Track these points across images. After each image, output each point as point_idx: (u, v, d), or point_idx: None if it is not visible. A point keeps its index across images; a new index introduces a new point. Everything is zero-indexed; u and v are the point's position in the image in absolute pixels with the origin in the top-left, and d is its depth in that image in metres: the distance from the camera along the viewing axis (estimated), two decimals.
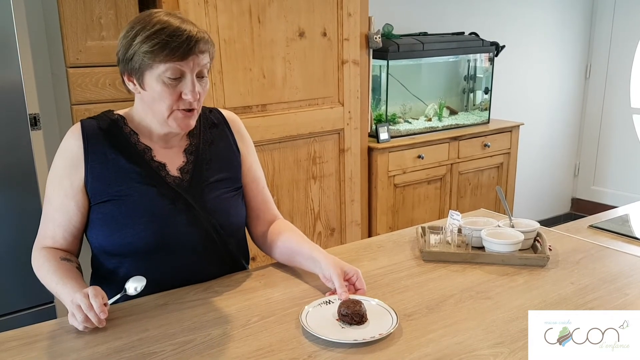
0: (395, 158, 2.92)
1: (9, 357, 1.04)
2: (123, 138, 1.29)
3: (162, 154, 1.32)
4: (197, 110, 1.27)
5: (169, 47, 1.18)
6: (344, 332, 1.11)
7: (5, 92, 1.76)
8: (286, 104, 2.58)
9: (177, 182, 1.30)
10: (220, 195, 1.34)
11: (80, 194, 1.26)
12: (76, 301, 1.10)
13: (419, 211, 3.11)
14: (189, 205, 1.29)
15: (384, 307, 1.19)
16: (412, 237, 1.61)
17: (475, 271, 1.41)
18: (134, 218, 1.25)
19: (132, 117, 1.32)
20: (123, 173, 1.26)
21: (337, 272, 1.24)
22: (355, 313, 1.13)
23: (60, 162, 1.28)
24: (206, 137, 1.38)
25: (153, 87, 1.22)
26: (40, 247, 1.29)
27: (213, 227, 1.32)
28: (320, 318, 1.15)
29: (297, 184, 2.70)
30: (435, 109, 3.32)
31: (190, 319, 1.18)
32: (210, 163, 1.36)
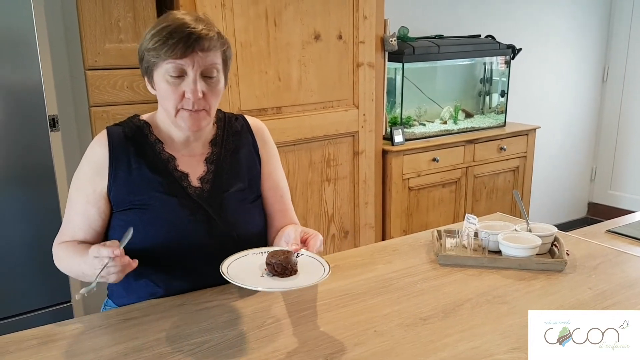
0: (409, 161, 2.91)
1: (29, 356, 1.05)
2: (148, 146, 1.29)
3: (185, 163, 1.32)
4: (207, 111, 1.25)
5: (168, 44, 1.17)
6: (263, 281, 1.06)
7: (26, 93, 1.78)
8: (301, 106, 2.58)
9: (197, 193, 1.30)
10: (240, 206, 1.34)
11: (103, 201, 1.27)
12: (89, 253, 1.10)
13: (434, 215, 3.09)
14: (208, 217, 1.29)
15: (319, 261, 1.13)
16: (427, 241, 1.61)
17: (491, 275, 1.40)
18: (155, 228, 1.25)
19: (157, 124, 1.33)
20: (146, 182, 1.27)
21: (295, 228, 1.23)
22: (278, 263, 1.07)
23: (85, 168, 1.29)
24: (228, 145, 1.37)
25: (160, 86, 1.23)
26: (58, 243, 1.31)
27: (231, 238, 1.31)
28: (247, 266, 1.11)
29: (311, 186, 2.71)
30: (451, 112, 3.31)
31: (206, 319, 1.18)
32: (230, 172, 1.35)
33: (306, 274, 1.09)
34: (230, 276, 1.05)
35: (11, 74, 1.76)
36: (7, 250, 1.82)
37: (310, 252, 1.16)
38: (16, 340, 1.11)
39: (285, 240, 1.22)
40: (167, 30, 1.19)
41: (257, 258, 1.14)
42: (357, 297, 1.27)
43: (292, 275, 1.07)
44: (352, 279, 1.37)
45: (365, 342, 1.09)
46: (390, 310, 1.21)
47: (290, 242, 1.16)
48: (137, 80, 2.19)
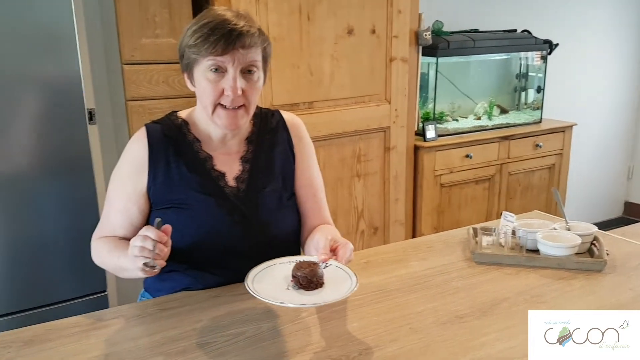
0: (442, 157, 2.88)
1: (70, 343, 1.08)
2: (186, 145, 1.30)
3: (222, 162, 1.32)
4: (247, 107, 1.24)
5: (209, 40, 1.17)
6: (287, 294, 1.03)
7: (65, 87, 1.82)
8: (332, 101, 2.57)
9: (234, 193, 1.30)
10: (274, 206, 1.33)
11: (143, 199, 1.28)
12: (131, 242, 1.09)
13: (466, 212, 3.05)
14: (244, 217, 1.29)
15: (347, 272, 1.09)
16: (462, 238, 1.58)
17: (529, 275, 1.37)
18: (192, 228, 1.26)
19: (195, 121, 1.32)
20: (184, 182, 1.27)
21: (325, 236, 1.15)
22: (304, 276, 1.03)
23: (125, 166, 1.30)
24: (264, 143, 1.36)
25: (200, 82, 1.22)
26: (97, 238, 1.33)
27: (266, 239, 1.31)
28: (274, 277, 1.08)
29: (342, 181, 2.70)
30: (485, 108, 3.25)
31: (241, 311, 1.19)
32: (265, 171, 1.34)
33: (333, 286, 1.05)
34: (254, 288, 1.03)
35: (51, 68, 1.80)
36: (45, 241, 1.86)
37: (339, 262, 1.12)
38: (57, 328, 1.14)
39: (315, 248, 1.19)
40: (208, 26, 1.18)
41: (284, 268, 1.11)
42: (391, 294, 1.27)
43: (318, 288, 1.04)
44: (385, 275, 1.36)
45: (400, 339, 1.08)
46: (425, 308, 1.20)
47: (319, 252, 1.12)
48: (173, 75, 2.21)
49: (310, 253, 1.25)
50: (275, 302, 0.98)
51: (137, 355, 1.04)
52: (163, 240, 1.08)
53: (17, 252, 1.82)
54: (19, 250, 1.82)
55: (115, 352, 1.05)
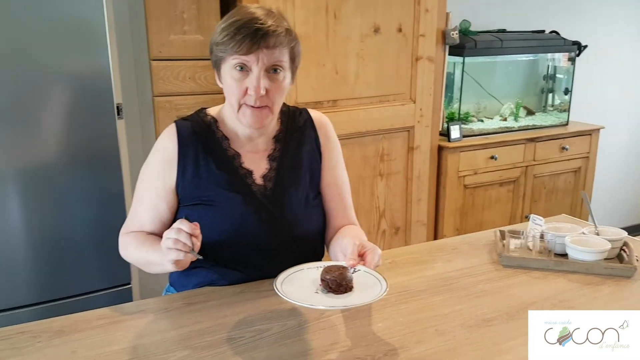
0: (466, 158, 2.85)
1: (98, 335, 1.09)
2: (215, 142, 1.30)
3: (250, 160, 1.32)
4: (271, 108, 1.24)
5: (235, 39, 1.17)
6: (316, 298, 1.02)
7: (94, 82, 1.84)
8: (357, 100, 2.56)
9: (261, 191, 1.30)
10: (301, 204, 1.33)
11: (171, 195, 1.29)
12: (165, 235, 1.09)
13: (489, 214, 3.02)
14: (271, 216, 1.29)
15: (376, 277, 1.08)
16: (489, 241, 1.57)
17: (557, 279, 1.35)
18: (219, 225, 1.26)
19: (223, 119, 1.33)
20: (213, 179, 1.27)
21: (353, 241, 1.13)
22: (333, 280, 1.02)
23: (154, 162, 1.31)
24: (291, 141, 1.36)
25: (226, 80, 1.23)
26: (125, 232, 1.34)
27: (292, 238, 1.31)
28: (302, 281, 1.08)
29: (364, 180, 2.69)
30: (512, 109, 3.22)
31: (266, 307, 1.19)
32: (292, 170, 1.34)
33: (362, 290, 1.04)
34: (283, 291, 1.03)
35: (81, 63, 1.82)
36: (72, 233, 1.89)
37: (367, 267, 1.10)
38: (85, 319, 1.15)
39: (342, 252, 1.17)
40: (236, 25, 1.18)
41: (312, 273, 1.11)
42: (416, 295, 1.26)
43: (347, 292, 1.03)
44: (410, 276, 1.35)
45: (426, 341, 1.07)
46: (451, 310, 1.19)
47: (347, 257, 1.10)
48: (199, 72, 2.23)
49: (337, 257, 1.24)
50: (305, 304, 0.97)
51: (165, 349, 1.05)
52: (196, 233, 1.09)
53: (44, 244, 1.85)
54: (46, 242, 1.85)
55: (142, 344, 1.06)
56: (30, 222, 1.82)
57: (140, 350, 1.04)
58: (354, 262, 1.08)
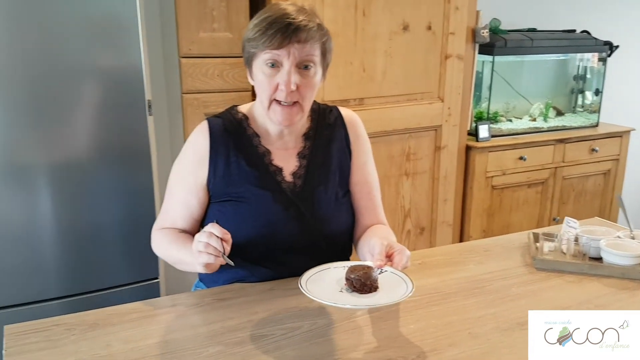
0: (494, 158, 2.81)
1: (131, 329, 1.10)
2: (246, 139, 1.30)
3: (280, 157, 1.32)
4: (301, 104, 1.23)
5: (267, 34, 1.17)
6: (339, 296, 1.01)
7: (126, 78, 1.86)
8: (384, 98, 2.55)
9: (290, 188, 1.30)
10: (330, 202, 1.33)
11: (203, 191, 1.30)
12: (196, 238, 1.11)
13: (517, 216, 2.98)
14: (300, 213, 1.29)
15: (402, 278, 1.06)
16: (521, 243, 1.54)
17: (592, 283, 1.32)
18: (249, 221, 1.27)
19: (254, 116, 1.33)
20: (243, 176, 1.28)
21: (381, 242, 1.11)
22: (357, 279, 1.01)
23: (187, 158, 1.32)
24: (321, 139, 1.35)
25: (257, 77, 1.23)
26: (158, 228, 1.35)
27: (321, 236, 1.31)
28: (327, 279, 1.07)
29: (389, 180, 2.67)
30: (541, 109, 3.16)
31: (296, 305, 1.19)
32: (321, 167, 1.33)
33: (387, 291, 1.03)
34: (307, 289, 1.02)
35: (113, 59, 1.84)
36: (102, 227, 1.91)
37: (394, 268, 1.08)
38: (118, 313, 1.16)
39: (370, 252, 1.16)
40: (267, 20, 1.18)
41: (338, 272, 1.10)
42: (448, 297, 1.24)
43: (372, 292, 1.02)
44: (442, 278, 1.33)
45: (459, 344, 1.06)
46: (485, 313, 1.17)
47: (375, 257, 1.09)
48: (227, 69, 2.23)
49: (365, 257, 1.23)
50: (329, 302, 0.97)
51: (197, 344, 1.05)
52: (226, 238, 1.11)
53: (74, 238, 1.88)
54: (77, 236, 1.88)
55: (175, 339, 1.07)
56: (61, 216, 1.84)
57: (172, 345, 1.05)
58: (381, 262, 1.07)
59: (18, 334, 1.06)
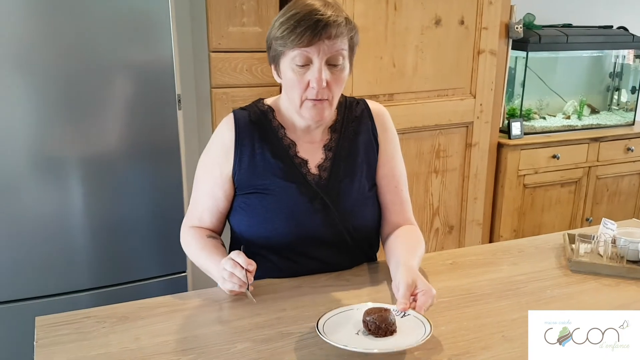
0: (527, 156, 2.75)
1: (160, 322, 1.10)
2: (271, 131, 1.29)
3: (305, 150, 1.30)
4: (330, 101, 1.21)
5: (296, 32, 1.15)
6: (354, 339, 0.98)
7: (157, 72, 1.86)
8: (414, 94, 2.51)
9: (316, 181, 1.28)
10: (357, 196, 1.31)
11: (228, 184, 1.30)
12: (222, 265, 1.14)
13: (549, 215, 2.91)
14: (325, 206, 1.27)
15: (421, 320, 1.02)
16: (556, 244, 1.49)
17: (630, 287, 1.28)
18: (274, 213, 1.26)
19: (280, 109, 1.32)
20: (268, 168, 1.27)
21: (406, 281, 1.07)
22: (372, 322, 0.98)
23: (213, 151, 1.32)
24: (347, 131, 1.33)
25: (286, 74, 1.21)
26: (188, 225, 1.35)
27: (346, 229, 1.30)
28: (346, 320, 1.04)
29: (418, 177, 2.64)
30: (575, 107, 3.09)
31: (324, 303, 1.17)
32: (347, 160, 1.31)
33: (404, 333, 0.99)
34: (323, 329, 1.00)
35: (144, 54, 1.85)
36: (131, 221, 1.93)
37: (417, 311, 1.04)
38: (148, 307, 1.16)
39: (395, 287, 1.11)
40: (295, 18, 1.16)
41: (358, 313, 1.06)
42: (481, 298, 1.21)
43: (388, 335, 0.99)
44: (474, 278, 1.30)
45: (492, 347, 1.03)
46: (519, 316, 1.13)
47: (399, 301, 1.05)
48: (256, 64, 2.23)
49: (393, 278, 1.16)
50: (339, 345, 0.94)
51: (225, 339, 1.05)
52: (251, 269, 1.12)
53: (103, 231, 1.89)
54: (105, 229, 1.90)
55: (204, 334, 1.07)
56: (91, 209, 1.86)
57: (202, 340, 1.05)
58: (404, 306, 1.04)
59: (49, 326, 1.07)
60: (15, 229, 1.78)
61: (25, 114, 1.73)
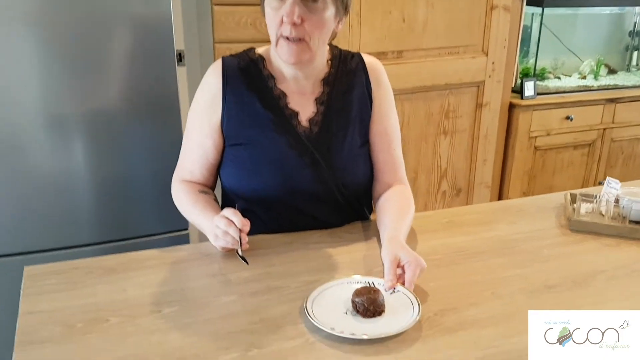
0: (539, 117, 2.68)
1: (148, 275, 1.10)
2: (261, 80, 1.26)
3: (296, 102, 1.27)
4: (308, 42, 1.16)
5: None
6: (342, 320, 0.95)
7: (155, 27, 1.82)
8: (424, 51, 2.44)
9: (306, 134, 1.25)
10: (348, 153, 1.28)
11: (217, 133, 1.27)
12: (215, 222, 1.11)
13: (560, 178, 2.85)
14: (315, 161, 1.25)
15: (410, 299, 1.00)
16: (558, 204, 1.45)
17: (631, 247, 1.24)
18: (262, 166, 1.24)
19: (270, 58, 1.28)
20: (257, 118, 1.24)
21: (389, 258, 1.06)
22: (361, 304, 0.96)
23: (200, 99, 1.29)
24: (340, 85, 1.29)
25: (266, 12, 1.18)
26: (179, 179, 1.34)
27: (336, 186, 1.27)
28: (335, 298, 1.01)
29: (426, 138, 2.59)
30: (592, 66, 2.98)
31: (314, 259, 1.17)
32: (340, 114, 1.28)
33: (393, 313, 0.97)
34: (312, 309, 0.98)
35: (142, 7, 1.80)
36: (131, 177, 1.92)
37: (405, 286, 1.02)
38: (138, 259, 1.17)
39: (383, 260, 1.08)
40: None
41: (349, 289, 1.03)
42: (474, 256, 1.19)
43: (376, 316, 0.97)
44: (469, 237, 1.28)
45: (481, 304, 1.01)
46: (512, 274, 1.11)
47: (385, 279, 1.04)
48: (260, 18, 2.13)
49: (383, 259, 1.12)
50: (325, 328, 0.93)
51: (212, 292, 1.05)
52: (246, 229, 1.09)
53: (105, 186, 1.89)
54: (107, 184, 1.89)
55: (190, 287, 1.07)
56: (92, 164, 1.86)
57: (188, 292, 1.05)
58: (391, 284, 1.03)
59: (37, 275, 1.08)
60: (16, 185, 1.78)
61: (24, 71, 1.71)
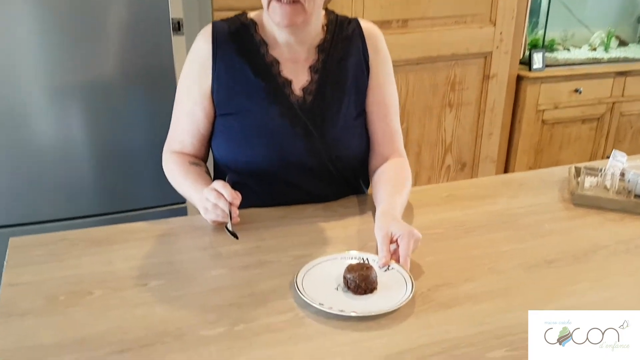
0: (547, 90, 2.61)
1: (135, 247, 1.07)
2: (252, 46, 1.20)
3: (289, 69, 1.21)
4: (302, 4, 1.10)
5: None
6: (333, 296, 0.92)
7: None
8: (430, 20, 2.37)
9: (299, 103, 1.20)
10: (342, 125, 1.23)
11: (207, 101, 1.22)
12: (205, 195, 1.08)
13: (567, 153, 2.79)
14: (308, 132, 1.20)
15: (403, 277, 0.96)
16: (562, 177, 1.41)
17: (635, 222, 1.20)
18: (253, 136, 1.20)
19: (262, 23, 1.22)
20: (248, 86, 1.19)
21: (381, 234, 1.02)
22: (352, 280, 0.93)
23: (190, 66, 1.24)
24: (336, 52, 1.23)
25: None
26: (170, 150, 1.30)
27: (330, 158, 1.23)
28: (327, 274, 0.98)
29: (431, 111, 2.53)
30: (602, 38, 2.89)
31: (307, 234, 1.14)
32: (335, 83, 1.23)
33: (386, 290, 0.94)
34: (302, 284, 0.94)
35: None
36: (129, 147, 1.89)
37: (400, 260, 0.98)
38: (126, 231, 1.14)
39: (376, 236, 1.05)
40: None
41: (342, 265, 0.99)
42: (473, 230, 1.15)
43: (368, 293, 0.94)
44: (468, 211, 1.24)
45: (477, 279, 0.98)
46: (510, 248, 1.08)
47: (379, 255, 1.01)
48: None
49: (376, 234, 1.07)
50: (314, 304, 0.89)
51: (200, 265, 1.02)
52: (236, 202, 1.06)
53: (99, 158, 1.86)
54: (102, 156, 1.86)
55: (179, 260, 1.04)
56: (88, 135, 1.83)
57: (176, 265, 1.02)
58: (385, 260, 0.99)
59: (22, 247, 1.05)
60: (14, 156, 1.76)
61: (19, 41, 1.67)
